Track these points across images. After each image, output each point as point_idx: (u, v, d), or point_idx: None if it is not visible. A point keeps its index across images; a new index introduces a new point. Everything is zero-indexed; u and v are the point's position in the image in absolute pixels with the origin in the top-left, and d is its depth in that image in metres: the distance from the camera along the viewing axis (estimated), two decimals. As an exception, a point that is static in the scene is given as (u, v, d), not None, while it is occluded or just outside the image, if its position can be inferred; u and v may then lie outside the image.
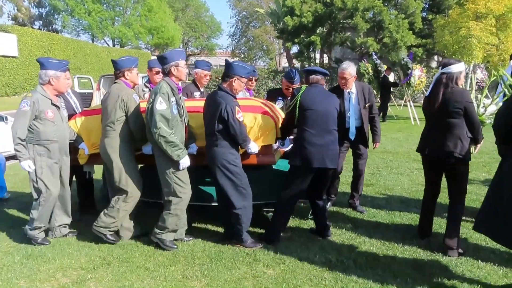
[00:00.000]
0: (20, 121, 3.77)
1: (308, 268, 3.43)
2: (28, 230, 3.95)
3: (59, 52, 25.10)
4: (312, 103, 3.78)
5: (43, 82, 3.91)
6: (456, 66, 3.66)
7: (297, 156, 3.81)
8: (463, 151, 3.61)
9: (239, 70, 3.74)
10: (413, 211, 4.79)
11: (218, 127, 3.65)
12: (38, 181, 3.85)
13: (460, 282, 3.17)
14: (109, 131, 3.86)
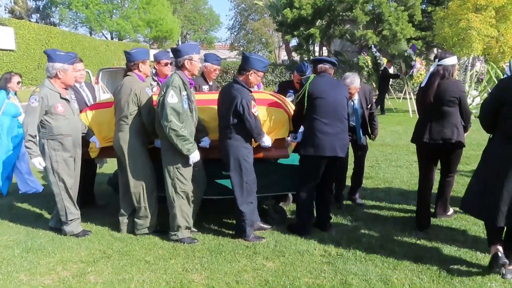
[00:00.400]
0: (30, 117, 3.73)
1: (308, 261, 3.44)
2: (66, 228, 3.93)
3: (57, 45, 24.92)
4: (321, 92, 3.77)
5: (50, 75, 3.87)
6: (451, 59, 3.91)
7: (309, 146, 3.79)
8: (460, 137, 3.88)
9: (256, 64, 3.72)
10: (412, 203, 4.79)
11: (233, 121, 3.63)
12: (56, 175, 3.84)
13: (459, 274, 3.19)
14: (122, 125, 3.84)
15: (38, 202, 5.08)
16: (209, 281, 3.13)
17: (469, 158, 7.13)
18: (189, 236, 3.82)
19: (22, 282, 3.16)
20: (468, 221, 4.28)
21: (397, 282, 3.09)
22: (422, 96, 3.99)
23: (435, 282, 3.08)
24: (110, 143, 4.06)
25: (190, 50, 3.70)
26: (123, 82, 3.91)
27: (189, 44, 3.80)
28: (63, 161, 3.85)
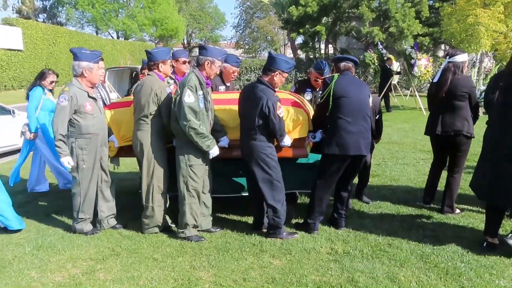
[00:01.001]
0: (60, 116, 3.77)
1: (315, 259, 3.45)
2: (75, 225, 3.99)
3: (64, 45, 25.14)
4: (346, 91, 3.78)
5: (76, 74, 3.89)
6: (461, 56, 4.25)
7: (333, 145, 3.78)
8: (470, 129, 4.25)
9: (282, 65, 3.72)
10: (419, 201, 4.79)
11: (258, 122, 3.64)
12: (80, 173, 3.88)
13: (467, 272, 3.19)
14: (142, 124, 3.87)
15: (48, 200, 5.14)
16: (217, 279, 3.15)
17: (476, 155, 7.03)
18: (197, 234, 3.85)
19: (33, 279, 3.21)
20: (475, 218, 4.27)
21: (404, 279, 3.09)
22: (435, 91, 4.34)
23: (443, 280, 3.08)
24: (128, 143, 4.09)
25: (215, 54, 3.72)
26: (143, 82, 3.94)
27: (219, 48, 3.83)
28: (89, 161, 3.89)
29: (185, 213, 3.79)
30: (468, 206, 4.62)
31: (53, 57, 24.31)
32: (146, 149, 3.86)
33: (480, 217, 4.30)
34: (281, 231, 3.81)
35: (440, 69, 4.37)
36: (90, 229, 4.02)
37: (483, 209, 4.48)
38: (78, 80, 3.89)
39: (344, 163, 3.83)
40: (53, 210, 4.75)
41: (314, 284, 3.05)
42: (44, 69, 5.61)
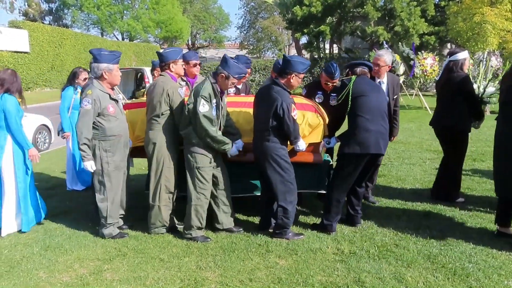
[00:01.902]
0: (84, 120, 3.76)
1: (321, 259, 3.45)
2: (103, 231, 3.94)
3: (70, 47, 25.28)
4: (365, 90, 3.82)
5: (96, 76, 3.89)
6: (461, 54, 4.56)
7: (354, 144, 3.78)
8: (462, 125, 4.56)
9: (298, 66, 3.71)
10: (425, 201, 4.77)
11: (272, 123, 3.65)
12: (105, 176, 3.87)
13: (475, 272, 3.17)
14: (154, 124, 3.89)
15: (55, 201, 5.16)
16: (223, 279, 3.15)
17: (484, 155, 7.05)
18: (202, 235, 3.86)
19: (42, 279, 3.23)
20: (483, 218, 4.24)
21: (411, 280, 3.07)
22: (436, 88, 4.86)
23: (450, 280, 3.06)
24: (142, 143, 4.10)
25: (233, 71, 3.68)
26: (156, 82, 3.96)
27: (240, 66, 3.75)
28: (113, 162, 3.89)
29: (191, 214, 3.80)
30: (476, 207, 4.59)
31: (59, 59, 24.45)
32: (156, 149, 3.87)
33: (488, 217, 4.27)
34: (287, 231, 3.81)
35: (442, 68, 4.70)
36: (117, 232, 3.98)
37: (492, 210, 4.47)
38: (99, 82, 3.88)
39: (362, 162, 3.84)
40: (61, 211, 4.78)
41: (321, 284, 3.05)
42: (75, 68, 5.69)
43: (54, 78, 23.80)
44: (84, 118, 3.76)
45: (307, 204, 4.77)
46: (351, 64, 4.10)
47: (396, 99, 4.70)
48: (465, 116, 4.57)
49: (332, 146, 4.02)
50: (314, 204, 4.76)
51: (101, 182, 3.88)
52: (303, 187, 4.24)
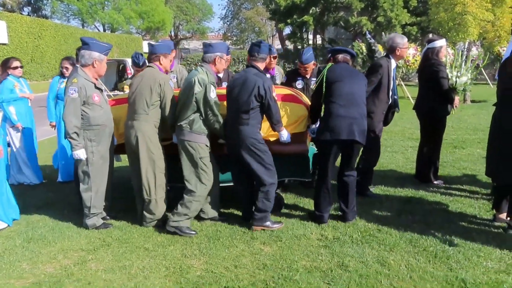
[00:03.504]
0: (71, 108, 3.70)
1: (305, 245, 3.49)
2: (87, 221, 3.89)
3: (50, 38, 24.77)
4: (338, 76, 3.80)
5: (85, 64, 3.82)
6: (439, 42, 4.78)
7: (326, 130, 3.78)
8: (440, 110, 4.79)
9: (267, 49, 3.87)
10: (407, 187, 4.85)
11: (253, 104, 3.64)
12: (90, 166, 3.81)
13: (455, 254, 3.24)
14: (141, 114, 3.80)
15: (38, 193, 5.10)
16: (208, 266, 3.17)
17: (464, 142, 7.19)
18: (188, 227, 3.77)
19: (25, 270, 3.19)
20: (463, 203, 4.34)
21: (394, 263, 3.14)
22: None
23: (431, 263, 3.14)
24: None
25: (222, 49, 3.81)
26: (144, 73, 3.90)
27: (222, 42, 3.86)
28: (98, 152, 3.83)
29: (192, 204, 3.72)
30: (456, 192, 4.69)
31: (39, 50, 23.94)
32: (144, 141, 3.79)
33: (468, 202, 4.37)
34: (267, 217, 3.78)
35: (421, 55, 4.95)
36: (101, 223, 3.94)
37: (472, 195, 4.58)
38: (84, 71, 3.81)
39: (337, 149, 3.83)
40: (43, 203, 4.72)
41: (305, 269, 3.09)
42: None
43: (34, 70, 23.32)
44: (71, 107, 3.70)
45: (292, 191, 4.81)
46: (333, 50, 4.11)
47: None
48: (441, 102, 4.76)
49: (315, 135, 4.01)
50: (299, 191, 4.80)
51: (86, 172, 3.83)
52: (288, 175, 4.27)
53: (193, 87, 3.63)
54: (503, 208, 3.76)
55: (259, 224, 3.76)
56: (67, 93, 3.72)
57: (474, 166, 5.65)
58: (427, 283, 2.85)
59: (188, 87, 3.68)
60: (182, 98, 3.72)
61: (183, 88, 3.78)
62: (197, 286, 2.90)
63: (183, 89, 3.75)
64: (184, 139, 3.71)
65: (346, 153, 3.91)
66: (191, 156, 3.71)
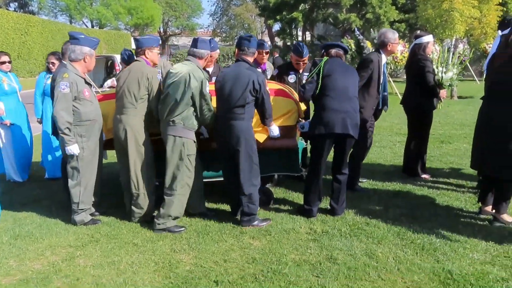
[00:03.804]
0: (63, 104, 3.65)
1: (294, 238, 3.50)
2: (75, 217, 3.85)
3: (37, 34, 24.43)
4: (333, 71, 3.81)
5: (75, 59, 3.78)
6: (426, 37, 4.82)
7: (320, 124, 3.78)
8: (426, 105, 4.86)
9: (256, 44, 3.89)
10: (395, 181, 4.90)
11: (248, 99, 3.63)
12: (79, 162, 3.77)
13: (442, 246, 3.29)
14: (130, 108, 3.78)
15: (24, 190, 5.05)
16: (197, 261, 3.17)
17: (451, 137, 7.28)
18: (176, 225, 3.74)
19: (12, 267, 3.16)
20: (450, 197, 4.40)
21: (382, 256, 3.17)
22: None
23: (419, 255, 3.17)
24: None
25: (207, 47, 3.84)
26: (131, 67, 3.87)
27: (205, 40, 3.89)
28: (88, 148, 3.79)
29: (173, 203, 3.67)
30: (443, 186, 4.75)
31: (26, 47, 23.61)
32: (133, 135, 3.77)
33: (454, 195, 4.43)
34: (255, 218, 3.76)
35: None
36: (89, 219, 3.90)
37: (459, 188, 4.64)
38: (73, 66, 3.77)
39: (331, 143, 3.85)
40: (30, 200, 4.67)
41: (294, 262, 3.10)
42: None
43: (21, 66, 22.99)
44: (62, 102, 3.65)
45: (281, 185, 4.83)
46: (326, 45, 4.12)
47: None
48: (428, 97, 4.83)
49: (306, 130, 4.02)
50: (289, 185, 4.82)
51: (75, 168, 3.80)
52: (277, 170, 4.28)
53: (189, 82, 3.59)
54: (489, 201, 3.82)
55: (247, 225, 3.76)
56: (58, 88, 3.67)
57: (460, 161, 5.73)
58: (414, 274, 2.89)
59: (181, 81, 3.60)
60: (174, 92, 3.62)
61: (173, 82, 3.64)
62: (186, 281, 2.89)
63: (175, 83, 3.63)
64: (176, 135, 3.65)
65: (339, 147, 3.93)
66: (180, 153, 3.66)
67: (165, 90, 3.69)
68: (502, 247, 3.24)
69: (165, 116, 3.68)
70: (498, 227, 3.61)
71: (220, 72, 4.00)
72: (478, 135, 3.75)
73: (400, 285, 2.77)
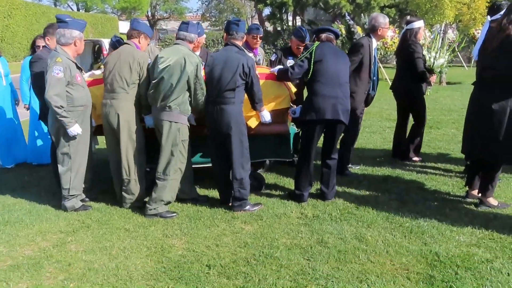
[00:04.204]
0: (57, 88, 3.57)
1: (285, 223, 3.54)
2: (65, 203, 3.82)
3: (20, 17, 23.86)
4: (324, 56, 3.79)
5: (66, 43, 3.69)
6: (417, 23, 4.84)
7: (310, 110, 3.79)
8: (416, 90, 4.93)
9: (245, 28, 3.85)
10: (385, 166, 4.96)
11: (238, 82, 3.61)
12: (71, 147, 3.73)
13: (429, 229, 3.36)
14: (121, 93, 3.73)
15: (13, 176, 5.00)
16: (189, 245, 3.19)
17: (440, 123, 7.36)
18: (168, 210, 3.75)
19: (2, 253, 3.14)
20: (438, 181, 4.47)
21: (371, 239, 3.22)
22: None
23: (407, 238, 3.24)
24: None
25: (196, 30, 3.82)
26: (120, 51, 3.80)
27: (199, 24, 3.91)
28: (81, 135, 3.75)
29: (165, 188, 3.67)
30: (432, 170, 4.82)
31: (9, 30, 23.07)
32: (125, 120, 3.73)
33: (442, 179, 4.51)
34: (246, 203, 3.79)
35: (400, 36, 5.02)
36: (80, 205, 3.88)
37: (447, 173, 4.72)
38: (65, 50, 3.70)
39: (322, 129, 3.87)
40: (19, 186, 4.63)
41: (285, 246, 3.14)
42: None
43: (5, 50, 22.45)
44: (57, 87, 3.57)
45: (273, 170, 4.85)
46: (317, 30, 4.10)
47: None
48: (418, 82, 4.89)
49: (298, 116, 4.02)
50: (280, 171, 4.85)
51: (66, 153, 3.76)
52: (269, 156, 4.30)
53: (184, 66, 3.56)
54: (475, 185, 3.89)
55: (238, 210, 3.78)
56: (51, 73, 3.58)
57: (448, 146, 5.81)
58: (403, 257, 2.95)
59: (176, 66, 3.56)
60: (169, 77, 3.57)
61: (167, 67, 3.57)
62: (179, 265, 2.91)
63: (169, 68, 3.56)
64: (172, 120, 3.63)
65: (329, 133, 3.95)
66: (174, 138, 3.65)
67: (158, 75, 3.62)
68: (488, 230, 3.32)
69: (159, 101, 3.65)
70: (484, 210, 3.69)
71: (210, 56, 3.97)
72: (469, 120, 3.79)
73: (388, 267, 2.83)
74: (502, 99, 3.45)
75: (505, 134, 3.46)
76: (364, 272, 2.76)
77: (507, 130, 3.46)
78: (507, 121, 3.45)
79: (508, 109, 3.44)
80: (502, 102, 3.45)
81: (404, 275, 2.73)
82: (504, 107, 3.44)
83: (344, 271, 2.78)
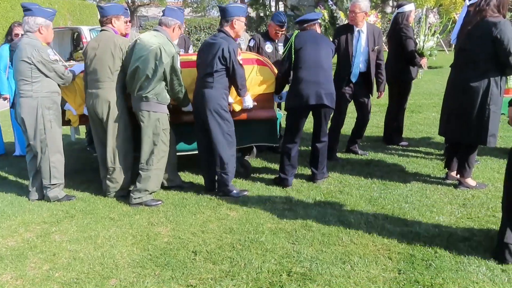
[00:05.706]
0: (60, 67, 3.70)
1: (270, 208, 3.58)
2: (48, 193, 3.78)
3: (-5, 4, 23.11)
4: (305, 42, 3.83)
5: (29, 29, 3.63)
6: (408, 6, 4.94)
7: (294, 96, 3.84)
8: (406, 75, 5.00)
9: (236, 11, 3.74)
10: (367, 150, 5.03)
11: (217, 66, 3.60)
12: (47, 134, 3.69)
13: (410, 210, 3.44)
14: (106, 82, 3.68)
15: (-8, 169, 4.92)
16: (175, 232, 3.20)
17: (421, 107, 7.47)
18: (153, 199, 3.75)
19: (-16, 245, 3.11)
20: (419, 164, 4.55)
21: (354, 221, 3.28)
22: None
23: (389, 220, 3.31)
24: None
25: (181, 18, 3.78)
26: (100, 37, 3.74)
27: (178, 10, 3.80)
28: (55, 121, 3.72)
29: (150, 178, 3.66)
30: (413, 154, 4.91)
31: (-15, 18, 22.35)
32: (113, 108, 3.70)
33: (423, 162, 4.59)
34: (229, 189, 3.81)
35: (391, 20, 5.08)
36: (64, 195, 3.85)
37: (427, 156, 4.81)
38: (36, 37, 3.67)
39: (306, 114, 3.91)
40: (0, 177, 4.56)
41: (270, 231, 3.18)
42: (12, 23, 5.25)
43: (-18, 40, 21.87)
44: (59, 66, 3.69)
45: (258, 156, 4.88)
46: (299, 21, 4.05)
47: (380, 52, 4.66)
48: (408, 66, 4.94)
49: (283, 101, 4.04)
50: (265, 156, 4.87)
51: (43, 142, 3.72)
52: (256, 141, 4.32)
53: (160, 57, 3.51)
54: (454, 167, 3.98)
55: (223, 196, 3.80)
56: (47, 58, 3.60)
57: (429, 129, 5.91)
58: (385, 238, 3.01)
59: (151, 56, 3.51)
60: (145, 68, 3.53)
61: (142, 56, 3.54)
62: (165, 252, 2.93)
63: (144, 57, 3.53)
64: (151, 110, 3.61)
65: (317, 118, 3.99)
66: (155, 127, 3.63)
67: (133, 62, 3.59)
68: (466, 209, 3.42)
69: (136, 91, 3.62)
70: (462, 190, 3.79)
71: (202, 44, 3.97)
72: (444, 102, 3.89)
73: (371, 248, 2.89)
74: (476, 81, 3.53)
75: (477, 114, 3.55)
76: (347, 254, 2.82)
77: (479, 111, 3.55)
78: (479, 102, 3.54)
79: (481, 90, 3.52)
80: (475, 83, 3.53)
81: (386, 255, 2.80)
82: (476, 88, 3.53)
83: (328, 253, 2.84)
